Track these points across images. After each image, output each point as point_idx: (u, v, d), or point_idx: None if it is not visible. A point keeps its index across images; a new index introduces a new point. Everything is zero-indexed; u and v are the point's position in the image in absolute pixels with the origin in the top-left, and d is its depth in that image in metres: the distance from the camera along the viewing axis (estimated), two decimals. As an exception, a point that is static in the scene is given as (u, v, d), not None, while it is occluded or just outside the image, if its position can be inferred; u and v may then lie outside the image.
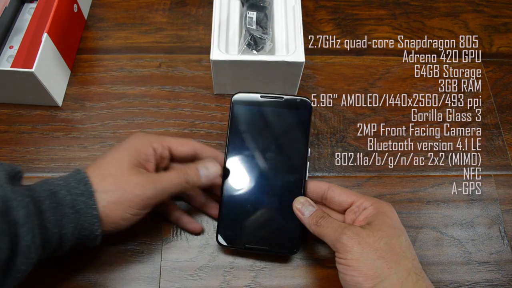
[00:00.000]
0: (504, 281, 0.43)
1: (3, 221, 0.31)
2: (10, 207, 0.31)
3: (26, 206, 0.32)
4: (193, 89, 0.53)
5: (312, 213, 0.38)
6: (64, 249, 0.36)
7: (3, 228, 0.31)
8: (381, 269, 0.33)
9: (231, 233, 0.41)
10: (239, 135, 0.43)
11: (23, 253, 0.32)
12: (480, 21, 0.61)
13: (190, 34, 0.58)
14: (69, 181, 0.36)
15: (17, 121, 0.50)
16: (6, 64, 0.50)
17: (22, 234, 0.31)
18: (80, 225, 0.35)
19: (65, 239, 0.35)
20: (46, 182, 0.36)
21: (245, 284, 0.42)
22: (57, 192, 0.35)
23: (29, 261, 0.32)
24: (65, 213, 0.34)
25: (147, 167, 0.39)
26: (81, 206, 0.35)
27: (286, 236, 0.41)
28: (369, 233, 0.34)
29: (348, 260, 0.34)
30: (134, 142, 0.39)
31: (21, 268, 0.32)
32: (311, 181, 0.42)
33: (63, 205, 0.34)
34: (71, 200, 0.35)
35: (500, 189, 0.48)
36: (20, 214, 0.31)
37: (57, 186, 0.35)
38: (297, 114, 0.43)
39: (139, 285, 0.41)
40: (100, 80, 0.53)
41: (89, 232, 0.36)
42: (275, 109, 0.43)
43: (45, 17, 0.50)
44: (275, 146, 0.42)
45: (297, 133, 0.43)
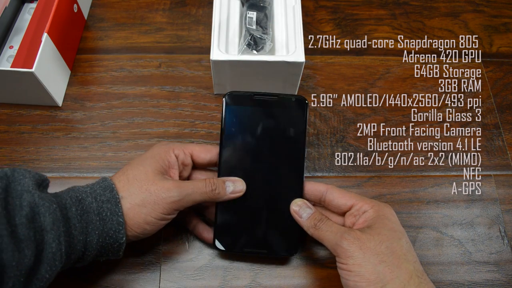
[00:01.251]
0: (504, 281, 0.43)
1: (30, 227, 0.31)
2: (37, 213, 0.31)
3: (53, 212, 0.32)
4: (193, 89, 0.53)
5: (310, 215, 0.38)
6: (88, 259, 0.36)
7: (29, 234, 0.30)
8: (383, 274, 0.33)
9: (228, 237, 0.41)
10: (233, 136, 0.41)
11: (47, 260, 0.31)
12: (480, 21, 0.61)
13: (190, 34, 0.58)
14: (95, 188, 0.36)
15: (17, 121, 0.50)
16: (6, 64, 0.50)
17: (48, 241, 0.31)
18: (106, 233, 0.35)
19: (89, 247, 0.35)
20: (73, 189, 0.36)
21: (245, 284, 0.42)
22: (84, 199, 0.35)
23: (53, 269, 0.32)
24: (90, 220, 0.34)
25: (171, 174, 0.39)
26: (106, 213, 0.35)
27: (285, 238, 0.41)
28: (370, 237, 0.34)
29: (349, 266, 0.33)
30: (158, 150, 0.40)
31: (45, 276, 0.32)
32: (309, 183, 0.41)
33: (89, 212, 0.34)
34: (97, 207, 0.35)
35: (500, 189, 0.48)
36: (47, 221, 0.31)
37: (83, 193, 0.35)
38: (293, 113, 0.41)
39: (139, 285, 0.41)
40: (100, 80, 0.53)
41: (114, 240, 0.35)
42: (270, 108, 0.41)
43: (45, 17, 0.50)
44: (271, 147, 0.41)
45: (293, 133, 0.41)
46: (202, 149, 0.41)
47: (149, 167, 0.38)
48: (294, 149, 0.41)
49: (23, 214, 0.31)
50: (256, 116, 0.41)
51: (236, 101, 0.42)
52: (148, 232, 0.37)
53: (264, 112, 0.41)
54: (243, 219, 0.41)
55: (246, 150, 0.41)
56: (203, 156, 0.41)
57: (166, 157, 0.39)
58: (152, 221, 0.36)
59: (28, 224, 0.31)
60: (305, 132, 0.41)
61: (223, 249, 0.41)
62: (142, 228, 0.36)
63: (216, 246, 0.41)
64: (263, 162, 0.41)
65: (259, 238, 0.41)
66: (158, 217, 0.36)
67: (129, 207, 0.36)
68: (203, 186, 0.38)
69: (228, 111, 0.41)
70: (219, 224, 0.41)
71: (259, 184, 0.41)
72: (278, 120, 0.41)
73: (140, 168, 0.38)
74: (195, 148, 0.41)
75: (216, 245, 0.41)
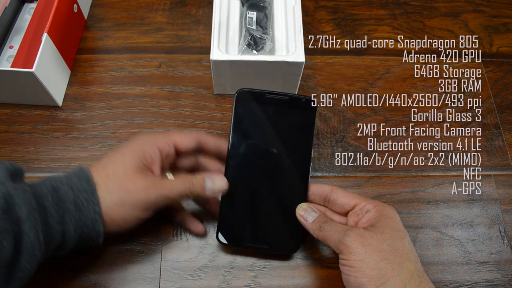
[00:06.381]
0: (504, 281, 0.43)
1: (6, 218, 0.31)
2: (12, 203, 0.31)
3: (29, 202, 0.32)
4: (193, 89, 0.53)
5: (315, 218, 0.38)
6: (67, 248, 0.36)
7: (6, 225, 0.30)
8: (385, 271, 0.33)
9: (231, 231, 0.41)
10: (242, 132, 0.42)
11: (27, 250, 0.32)
12: (480, 21, 0.61)
13: (190, 34, 0.58)
14: (71, 178, 0.36)
15: (17, 121, 0.50)
16: (6, 64, 0.50)
17: (25, 231, 0.31)
18: (83, 222, 0.35)
19: (67, 236, 0.35)
20: (49, 179, 0.36)
21: (245, 284, 0.42)
22: (59, 188, 0.35)
23: (33, 259, 0.32)
24: (66, 208, 0.34)
25: (152, 169, 0.39)
26: (83, 203, 0.35)
27: (287, 236, 0.41)
28: (373, 234, 0.35)
29: (351, 261, 0.34)
30: (140, 143, 0.39)
31: (26, 267, 0.32)
32: (314, 184, 0.42)
33: (65, 201, 0.35)
34: (73, 196, 0.35)
35: (500, 189, 0.48)
36: (23, 211, 0.31)
37: (59, 182, 0.35)
38: (301, 113, 0.42)
39: (139, 285, 0.41)
40: (100, 80, 0.53)
41: (91, 230, 0.36)
42: (279, 108, 0.42)
43: (45, 17, 0.50)
44: (278, 145, 0.42)
45: (300, 133, 0.42)
46: (183, 136, 0.41)
47: (129, 164, 0.37)
48: (301, 148, 0.42)
49: None
50: (266, 114, 0.42)
51: (247, 98, 0.42)
52: (124, 229, 0.38)
53: (274, 111, 0.42)
54: (247, 214, 0.41)
55: (254, 147, 0.42)
56: (185, 142, 0.41)
57: (149, 152, 0.39)
58: (129, 219, 0.37)
59: (3, 215, 0.31)
60: (312, 133, 0.42)
61: (225, 243, 0.41)
62: (119, 225, 0.37)
63: (219, 240, 0.41)
64: (270, 159, 0.42)
65: (262, 234, 0.41)
66: (135, 216, 0.37)
67: (108, 205, 0.36)
68: (181, 186, 0.38)
69: (239, 107, 0.42)
70: (222, 218, 0.41)
71: (265, 181, 0.41)
72: (287, 120, 0.42)
73: (120, 163, 0.37)
74: (177, 136, 0.41)
75: (219, 239, 0.41)
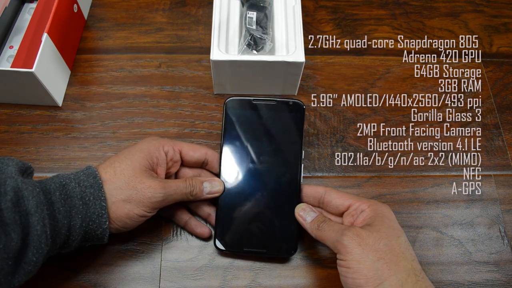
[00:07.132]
0: (504, 281, 0.43)
1: (15, 211, 0.31)
2: (21, 197, 0.32)
3: (37, 196, 0.33)
4: (193, 89, 0.53)
5: (313, 218, 0.39)
6: (72, 245, 0.36)
7: (15, 218, 0.31)
8: (381, 271, 0.33)
9: (228, 237, 0.41)
10: (234, 139, 0.43)
11: (34, 243, 0.32)
12: (480, 21, 0.61)
13: (190, 34, 0.58)
14: (79, 175, 0.37)
15: (17, 121, 0.50)
16: (6, 64, 0.50)
17: (33, 224, 0.32)
18: (89, 217, 0.36)
19: (73, 232, 0.35)
20: (57, 176, 0.37)
21: (245, 284, 0.42)
22: (67, 184, 0.36)
23: (40, 252, 0.32)
24: (74, 204, 0.35)
25: (158, 171, 0.40)
26: (89, 198, 0.36)
27: (284, 238, 0.41)
28: (369, 233, 0.35)
29: (348, 262, 0.34)
30: (147, 145, 0.40)
31: (32, 260, 0.32)
32: (308, 186, 0.42)
33: (73, 196, 0.35)
34: (80, 191, 0.36)
35: (500, 189, 0.48)
36: (31, 204, 0.32)
37: (67, 179, 0.36)
38: (290, 117, 0.43)
39: (139, 285, 0.41)
40: (100, 80, 0.53)
41: (97, 225, 0.36)
42: (268, 112, 0.43)
43: (45, 17, 0.50)
44: (269, 150, 0.43)
45: (291, 136, 0.43)
46: (190, 147, 0.43)
47: (137, 163, 0.38)
48: (292, 151, 0.43)
49: (7, 199, 0.31)
50: (255, 120, 0.43)
51: (235, 106, 0.44)
52: (129, 226, 0.38)
53: (262, 116, 0.43)
54: (243, 219, 0.42)
55: (246, 153, 0.43)
56: (191, 154, 0.42)
57: (156, 154, 0.40)
58: (134, 217, 0.38)
59: (13, 208, 0.31)
60: (302, 135, 0.43)
61: (223, 249, 0.41)
62: (124, 222, 0.38)
63: (217, 246, 0.41)
64: (262, 164, 0.42)
65: (259, 238, 0.41)
66: (140, 213, 0.38)
67: (114, 201, 0.37)
68: (184, 187, 0.40)
69: (228, 116, 0.43)
70: (219, 225, 0.42)
71: (259, 185, 0.42)
72: (276, 124, 0.43)
73: (128, 162, 0.38)
74: (184, 146, 0.42)
75: (217, 245, 0.41)
